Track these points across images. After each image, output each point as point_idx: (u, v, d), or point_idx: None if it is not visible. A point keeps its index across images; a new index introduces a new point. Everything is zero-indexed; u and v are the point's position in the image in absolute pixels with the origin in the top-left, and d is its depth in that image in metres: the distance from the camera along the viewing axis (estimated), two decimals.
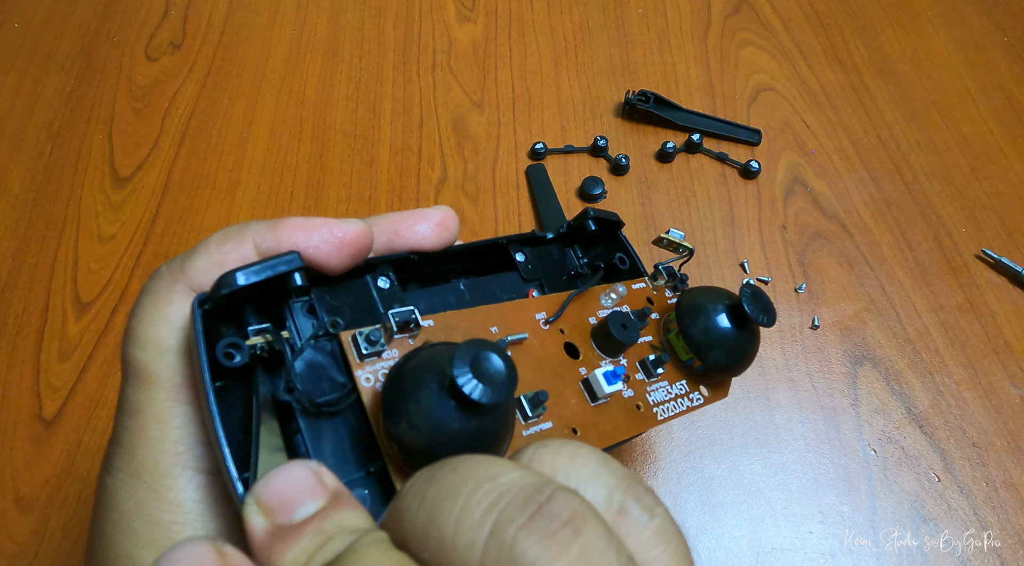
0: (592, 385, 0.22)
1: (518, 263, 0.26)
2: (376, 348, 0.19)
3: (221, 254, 0.19)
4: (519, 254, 0.26)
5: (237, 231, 0.20)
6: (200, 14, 0.70)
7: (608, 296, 0.25)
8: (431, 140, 0.62)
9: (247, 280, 0.18)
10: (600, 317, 0.25)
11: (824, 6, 0.73)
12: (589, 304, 0.25)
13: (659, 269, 0.28)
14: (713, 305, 0.25)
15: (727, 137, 0.62)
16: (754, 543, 0.44)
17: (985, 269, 0.55)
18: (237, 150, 0.60)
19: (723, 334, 0.25)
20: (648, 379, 0.25)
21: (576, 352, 0.23)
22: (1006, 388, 0.50)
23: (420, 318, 0.20)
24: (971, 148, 0.62)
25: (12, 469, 0.45)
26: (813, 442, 0.48)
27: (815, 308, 0.53)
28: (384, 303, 0.21)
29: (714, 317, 0.25)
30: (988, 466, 0.47)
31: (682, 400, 0.25)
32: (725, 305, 0.25)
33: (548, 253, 0.27)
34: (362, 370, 0.19)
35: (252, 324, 0.19)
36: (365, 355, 0.19)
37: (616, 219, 0.28)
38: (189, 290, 0.19)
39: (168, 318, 0.19)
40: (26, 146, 0.60)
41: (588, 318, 0.24)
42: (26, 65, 0.65)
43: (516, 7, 0.71)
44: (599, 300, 0.25)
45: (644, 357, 0.25)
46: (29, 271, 0.53)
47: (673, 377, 0.25)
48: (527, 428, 0.20)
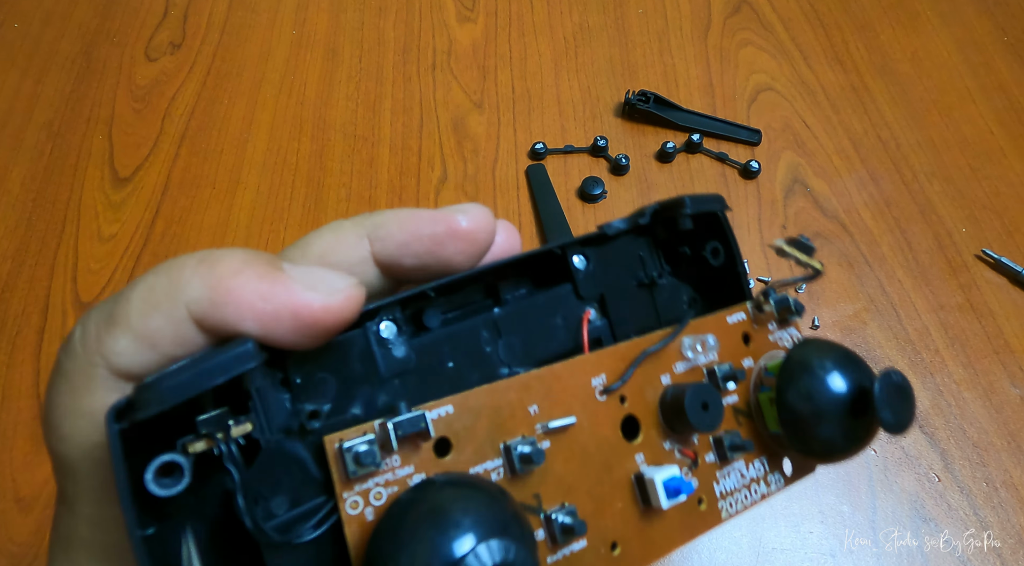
0: (648, 489, 0.17)
1: (575, 272, 0.19)
2: (368, 468, 0.14)
3: (147, 329, 0.14)
4: (578, 257, 0.20)
5: (166, 295, 0.14)
6: (200, 14, 0.70)
7: (694, 345, 0.19)
8: (431, 140, 0.62)
9: (177, 397, 0.13)
10: (676, 373, 0.19)
11: (824, 6, 0.73)
12: (665, 351, 0.19)
13: (769, 294, 0.21)
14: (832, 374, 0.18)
15: (727, 137, 0.62)
16: (754, 543, 0.44)
17: (985, 269, 0.55)
18: (237, 150, 0.60)
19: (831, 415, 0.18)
20: (720, 462, 0.19)
21: (635, 430, 0.18)
22: (1006, 388, 0.50)
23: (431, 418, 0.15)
24: (971, 148, 0.62)
25: (12, 469, 0.45)
26: None
27: (815, 308, 0.53)
28: (387, 364, 0.16)
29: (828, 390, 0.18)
30: (988, 466, 0.47)
31: (757, 486, 0.20)
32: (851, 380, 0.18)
33: (616, 252, 0.20)
34: (350, 492, 0.15)
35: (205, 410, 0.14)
36: (355, 476, 0.15)
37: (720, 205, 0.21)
38: (114, 375, 0.14)
39: (88, 412, 0.15)
40: (26, 146, 0.60)
41: (660, 375, 0.19)
42: (26, 65, 0.65)
43: (516, 7, 0.71)
44: (680, 345, 0.19)
45: (720, 433, 0.19)
46: (29, 271, 0.53)
47: (752, 454, 0.20)
48: (553, 553, 0.16)
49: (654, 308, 0.21)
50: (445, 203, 0.58)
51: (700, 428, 0.18)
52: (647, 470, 0.18)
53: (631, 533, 0.17)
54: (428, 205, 0.57)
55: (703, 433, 0.19)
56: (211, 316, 0.14)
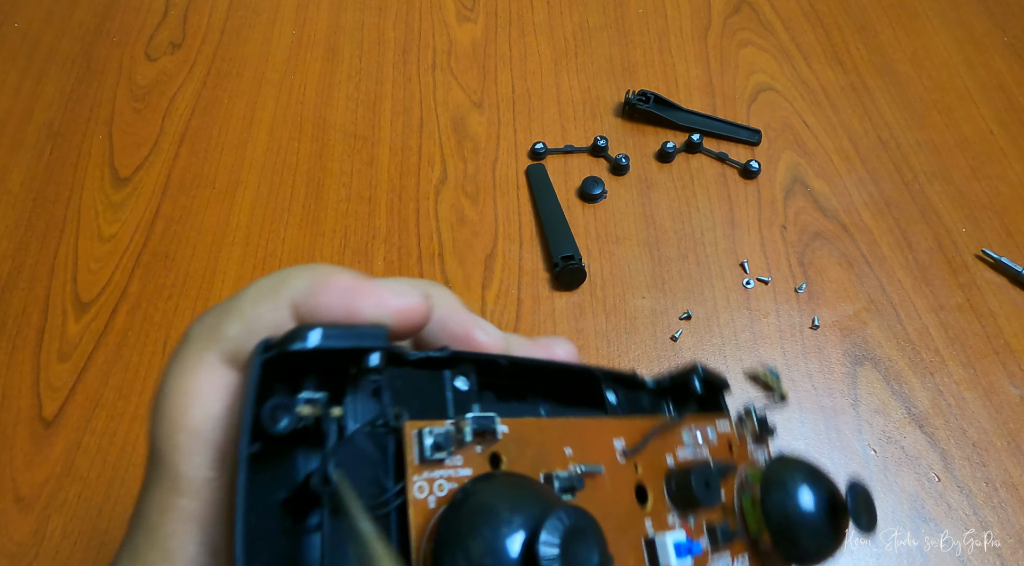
0: (658, 552, 0.19)
1: (608, 404, 0.23)
2: (441, 454, 0.16)
3: (257, 317, 0.17)
4: (611, 393, 0.23)
5: (272, 289, 0.17)
6: (200, 14, 0.70)
7: (695, 435, 0.23)
8: (431, 140, 0.62)
9: (322, 343, 0.15)
10: (678, 457, 0.22)
11: (824, 6, 0.73)
12: (669, 439, 0.22)
13: (751, 413, 0.25)
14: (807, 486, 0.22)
15: (727, 137, 0.62)
16: None
17: (985, 269, 0.55)
18: (237, 150, 0.60)
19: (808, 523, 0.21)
20: (712, 547, 0.21)
21: (645, 496, 0.20)
22: (1006, 388, 0.50)
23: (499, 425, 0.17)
24: (971, 148, 0.62)
25: (12, 469, 0.45)
26: (813, 442, 0.48)
27: (815, 308, 0.53)
28: (457, 406, 0.19)
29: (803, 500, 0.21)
30: (988, 466, 0.47)
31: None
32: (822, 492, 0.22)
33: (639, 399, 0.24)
34: (419, 476, 0.16)
35: (306, 390, 0.16)
36: (427, 459, 0.16)
37: (724, 382, 0.25)
38: (222, 360, 0.17)
39: (191, 392, 0.17)
40: (26, 146, 0.60)
41: (665, 455, 0.21)
42: (26, 65, 0.65)
43: (516, 7, 0.71)
44: (681, 434, 0.22)
45: (714, 522, 0.21)
46: (29, 271, 0.53)
47: (738, 549, 0.22)
48: None
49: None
50: (445, 203, 0.58)
51: (703, 502, 0.20)
52: (657, 535, 0.20)
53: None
54: (428, 205, 0.57)
55: (700, 511, 0.21)
56: (308, 302, 0.17)
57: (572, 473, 0.18)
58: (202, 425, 0.16)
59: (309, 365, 0.16)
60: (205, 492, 0.17)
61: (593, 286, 0.54)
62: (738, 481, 0.23)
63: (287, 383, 0.16)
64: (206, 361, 0.17)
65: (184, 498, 0.17)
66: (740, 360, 0.51)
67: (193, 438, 0.16)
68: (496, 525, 0.15)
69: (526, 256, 0.55)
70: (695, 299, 0.53)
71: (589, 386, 0.23)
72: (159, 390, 0.17)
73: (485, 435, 0.17)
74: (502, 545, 0.14)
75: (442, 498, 0.16)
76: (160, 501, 0.17)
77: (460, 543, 0.15)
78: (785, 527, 0.21)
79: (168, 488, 0.17)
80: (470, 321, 0.19)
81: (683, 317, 0.53)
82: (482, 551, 0.14)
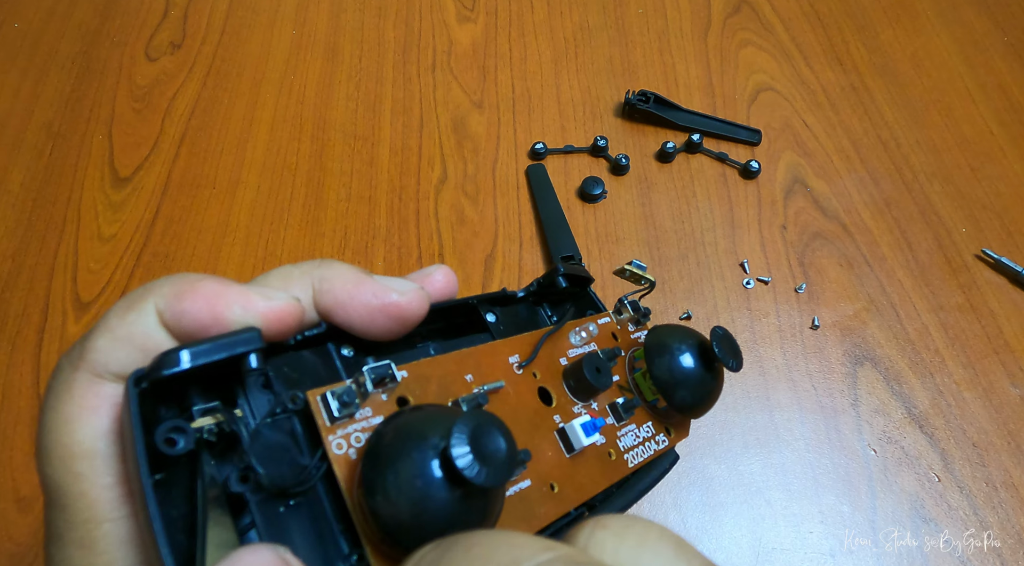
0: (569, 436, 0.22)
1: (489, 324, 0.24)
2: (349, 410, 0.17)
3: (124, 327, 0.16)
4: (490, 314, 0.25)
5: (139, 297, 0.17)
6: (200, 14, 0.70)
7: (578, 334, 0.25)
8: (431, 140, 0.62)
9: (194, 362, 0.15)
10: (571, 357, 0.24)
11: (824, 6, 0.73)
12: (559, 343, 0.24)
13: (624, 303, 0.28)
14: (681, 345, 0.25)
15: (727, 137, 0.62)
16: (754, 543, 0.44)
17: (985, 269, 0.55)
18: (237, 150, 0.60)
19: (691, 375, 0.25)
20: (618, 423, 0.24)
21: (550, 398, 0.23)
22: (1006, 388, 0.50)
23: (396, 370, 0.18)
24: (971, 148, 0.62)
25: (12, 469, 0.45)
26: (813, 442, 0.48)
27: (815, 308, 0.53)
28: (350, 370, 0.19)
29: (682, 358, 0.25)
30: (988, 466, 0.47)
31: (649, 444, 0.25)
32: (694, 346, 0.25)
33: (518, 312, 0.26)
34: (333, 435, 0.17)
35: (197, 403, 0.17)
36: (337, 418, 0.17)
37: (586, 275, 0.28)
38: (93, 377, 0.16)
39: (71, 417, 0.16)
40: (26, 146, 0.60)
41: (559, 359, 0.24)
42: (26, 65, 0.65)
43: (516, 7, 0.71)
44: (568, 338, 0.25)
45: (614, 400, 0.24)
46: (29, 271, 0.53)
47: (640, 419, 0.25)
48: (507, 489, 0.19)
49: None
50: (445, 204, 0.58)
51: (597, 386, 0.23)
52: (564, 424, 0.22)
53: (564, 476, 0.21)
54: (428, 205, 0.57)
55: (600, 393, 0.24)
56: (173, 308, 0.16)
57: (476, 393, 0.20)
58: (94, 444, 0.16)
59: (192, 379, 0.16)
60: (125, 509, 0.16)
61: (593, 286, 0.54)
62: (627, 361, 0.26)
63: (175, 401, 0.17)
64: (77, 381, 0.16)
65: (106, 523, 0.16)
66: None
67: (91, 459, 0.16)
68: (410, 450, 0.15)
69: (526, 256, 0.55)
70: (695, 299, 0.53)
71: (469, 314, 0.24)
72: (39, 430, 0.16)
73: (385, 381, 0.18)
74: (422, 465, 0.15)
75: (360, 448, 0.17)
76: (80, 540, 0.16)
77: (384, 479, 0.15)
78: (671, 385, 0.24)
79: (82, 523, 0.16)
80: (380, 289, 0.19)
81: (683, 317, 0.53)
82: (405, 478, 0.15)
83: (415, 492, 0.15)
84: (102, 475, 0.16)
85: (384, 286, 0.19)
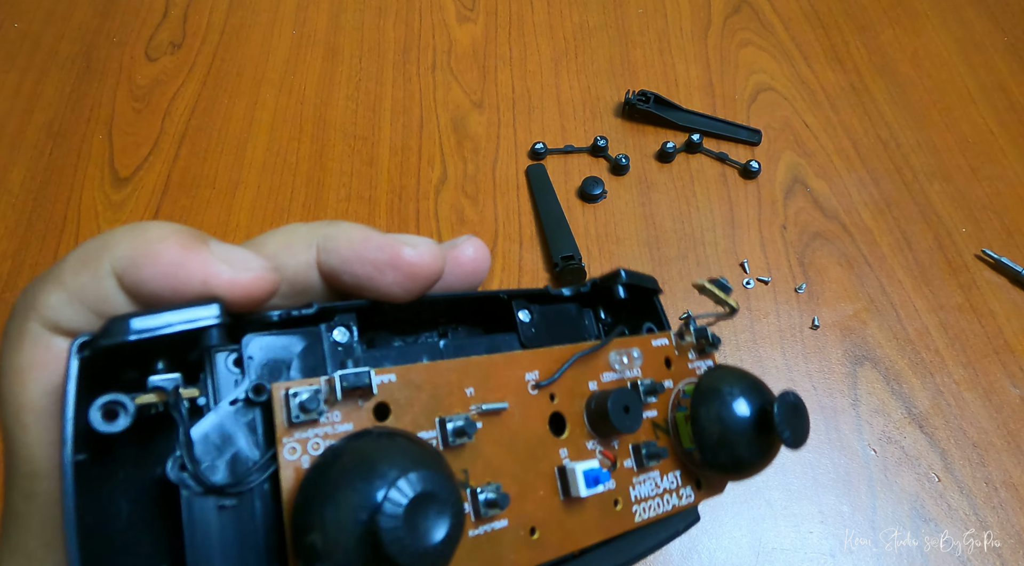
0: (569, 480, 0.19)
1: (519, 324, 0.21)
2: (312, 415, 0.15)
3: (78, 286, 0.15)
4: (523, 312, 0.21)
5: (94, 256, 0.15)
6: (200, 14, 0.70)
7: (621, 357, 0.21)
8: (431, 140, 0.62)
9: (140, 334, 0.14)
10: (603, 382, 0.21)
11: (824, 6, 0.73)
12: (595, 361, 0.21)
13: (689, 326, 0.23)
14: (740, 398, 0.20)
15: (727, 137, 0.62)
16: (754, 543, 0.44)
17: (985, 269, 0.55)
18: (237, 150, 0.60)
19: (738, 436, 0.20)
20: (637, 469, 0.20)
21: (562, 427, 0.20)
22: (1006, 388, 0.50)
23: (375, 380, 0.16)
24: (971, 148, 0.62)
25: None
26: (813, 442, 0.48)
27: (815, 308, 0.53)
28: (336, 363, 0.17)
29: (735, 413, 0.20)
30: (988, 466, 0.47)
31: (669, 497, 0.21)
32: (755, 404, 0.20)
33: (561, 313, 0.22)
34: (289, 438, 0.15)
35: (159, 371, 0.15)
36: (297, 421, 0.15)
37: (653, 285, 0.24)
38: (44, 329, 0.15)
39: (22, 367, 0.15)
40: (26, 146, 0.60)
41: (588, 382, 0.20)
42: (26, 65, 0.65)
43: (516, 7, 0.71)
44: (608, 358, 0.21)
45: (639, 441, 0.21)
46: (29, 271, 0.53)
47: (667, 466, 0.21)
48: (475, 527, 0.17)
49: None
50: (445, 204, 0.58)
51: (621, 429, 0.19)
52: (569, 463, 0.19)
53: (550, 521, 0.18)
54: (428, 205, 0.57)
55: (623, 435, 0.20)
56: (130, 275, 0.15)
57: (468, 416, 0.17)
58: (43, 399, 0.15)
59: (153, 349, 0.15)
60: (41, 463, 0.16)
61: None
62: (674, 396, 0.22)
63: (136, 370, 0.15)
64: (28, 333, 0.15)
65: (46, 480, 0.15)
66: (740, 360, 0.51)
67: (38, 414, 0.15)
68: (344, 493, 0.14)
69: (526, 256, 0.55)
70: (695, 299, 0.53)
71: (498, 309, 0.21)
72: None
73: (359, 391, 0.16)
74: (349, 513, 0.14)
75: (315, 456, 0.15)
76: (23, 488, 0.16)
77: (311, 509, 0.14)
78: (713, 440, 0.20)
79: (27, 474, 0.16)
80: (388, 242, 0.17)
81: (683, 317, 0.53)
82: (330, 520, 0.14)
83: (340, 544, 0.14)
84: (48, 431, 0.15)
85: (394, 239, 0.17)
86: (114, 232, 0.16)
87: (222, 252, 0.16)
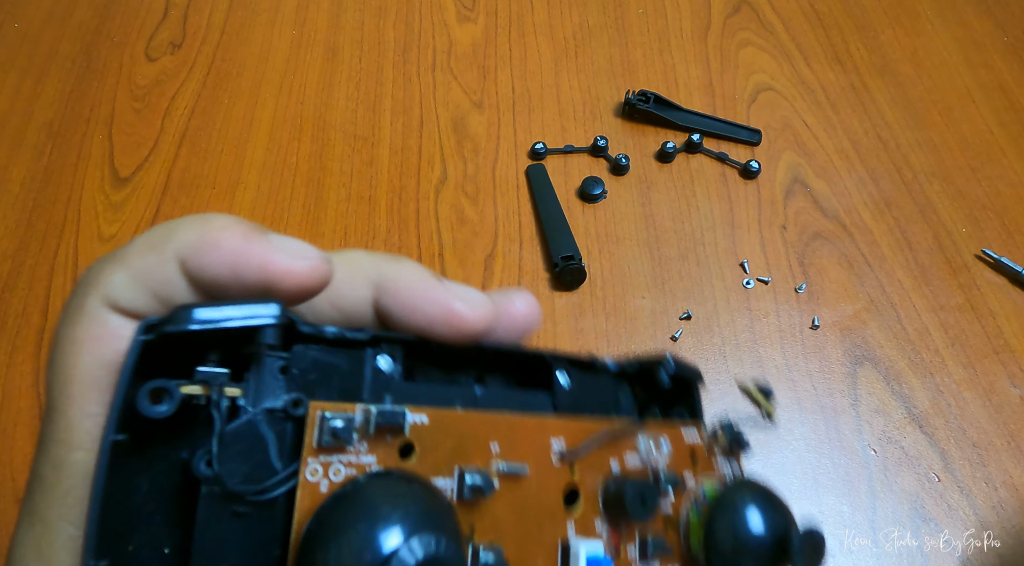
0: (571, 560, 0.19)
1: (556, 386, 0.21)
2: (341, 442, 0.16)
3: (144, 268, 0.16)
4: (563, 375, 0.21)
5: (160, 240, 0.16)
6: (200, 14, 0.70)
7: (648, 444, 0.21)
8: (431, 140, 0.62)
9: (202, 325, 0.15)
10: (626, 465, 0.21)
11: (824, 6, 0.73)
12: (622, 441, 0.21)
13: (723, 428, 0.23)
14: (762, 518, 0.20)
15: (727, 137, 0.62)
16: None
17: (985, 269, 0.55)
18: (237, 150, 0.60)
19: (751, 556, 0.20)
20: (639, 560, 0.20)
21: (575, 501, 0.20)
22: (1006, 388, 0.50)
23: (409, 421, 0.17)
24: (971, 148, 0.62)
25: (12, 469, 0.45)
26: (813, 442, 0.48)
27: (815, 308, 0.53)
28: (374, 390, 0.18)
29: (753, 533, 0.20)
30: (988, 466, 0.47)
31: None
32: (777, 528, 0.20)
33: (598, 382, 0.22)
34: (315, 458, 0.15)
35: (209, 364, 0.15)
36: (326, 446, 0.16)
37: (694, 374, 0.24)
38: (103, 306, 0.16)
39: (79, 339, 0.16)
40: (26, 146, 0.60)
41: (610, 459, 0.20)
42: (26, 65, 0.65)
43: (516, 7, 0.71)
44: (635, 439, 0.21)
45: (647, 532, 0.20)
46: (29, 271, 0.53)
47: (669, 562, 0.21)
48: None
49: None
50: (445, 204, 0.58)
51: (633, 517, 0.19)
52: (575, 541, 0.19)
53: None
54: (428, 205, 0.57)
55: (634, 522, 0.20)
56: (193, 260, 0.16)
57: (487, 473, 0.17)
58: (93, 373, 0.16)
59: (210, 341, 0.15)
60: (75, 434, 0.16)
61: (593, 286, 0.54)
62: (692, 494, 0.22)
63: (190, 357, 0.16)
64: (88, 307, 0.16)
65: (79, 451, 0.16)
66: (740, 360, 0.51)
67: (85, 387, 0.16)
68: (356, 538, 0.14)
69: (526, 256, 0.55)
70: (695, 299, 0.53)
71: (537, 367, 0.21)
72: (53, 339, 0.17)
73: (391, 428, 0.16)
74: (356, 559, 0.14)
75: (335, 483, 0.16)
76: (55, 456, 0.16)
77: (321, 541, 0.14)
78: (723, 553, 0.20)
79: (61, 442, 0.16)
80: (446, 297, 0.17)
81: (683, 317, 0.53)
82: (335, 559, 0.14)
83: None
84: (92, 403, 0.16)
85: (448, 292, 0.18)
86: (181, 220, 0.16)
87: (280, 242, 0.16)
